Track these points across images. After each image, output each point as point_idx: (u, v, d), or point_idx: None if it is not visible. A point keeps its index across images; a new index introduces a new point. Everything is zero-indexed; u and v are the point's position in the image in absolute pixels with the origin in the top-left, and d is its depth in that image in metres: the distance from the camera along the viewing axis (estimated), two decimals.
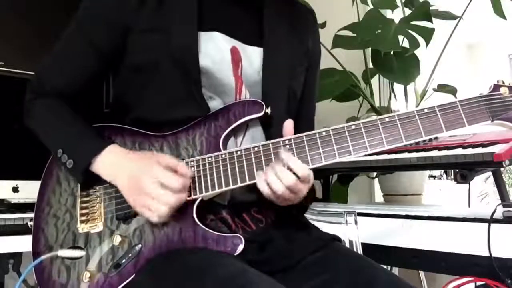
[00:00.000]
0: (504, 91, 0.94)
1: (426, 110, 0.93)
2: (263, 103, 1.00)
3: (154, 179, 0.92)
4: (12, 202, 1.72)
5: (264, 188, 0.92)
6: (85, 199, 1.02)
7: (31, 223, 1.05)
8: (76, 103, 1.08)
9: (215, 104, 1.03)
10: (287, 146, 0.95)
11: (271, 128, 1.04)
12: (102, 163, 0.99)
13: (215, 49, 1.02)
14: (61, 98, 1.07)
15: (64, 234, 1.01)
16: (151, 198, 0.92)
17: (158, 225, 0.95)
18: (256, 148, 0.96)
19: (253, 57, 1.06)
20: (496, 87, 0.94)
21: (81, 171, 0.99)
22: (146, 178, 0.93)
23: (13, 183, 1.76)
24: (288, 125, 0.98)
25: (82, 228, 1.00)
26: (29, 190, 1.72)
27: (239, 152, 0.96)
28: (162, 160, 0.95)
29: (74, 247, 0.99)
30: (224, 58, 1.02)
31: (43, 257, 0.98)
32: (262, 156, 0.95)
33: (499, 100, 0.93)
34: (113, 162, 0.99)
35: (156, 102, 1.02)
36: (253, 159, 0.95)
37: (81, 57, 1.06)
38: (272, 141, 0.96)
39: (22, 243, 1.50)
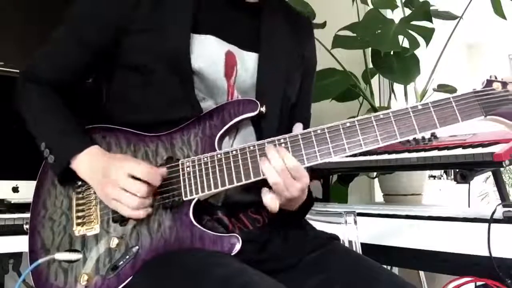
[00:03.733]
0: (496, 86, 0.94)
1: (420, 107, 0.94)
2: (257, 102, 1.00)
3: (124, 171, 0.93)
4: (12, 202, 1.72)
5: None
6: (81, 201, 1.02)
7: (27, 226, 1.04)
8: (68, 95, 1.09)
9: (208, 105, 1.02)
10: (283, 145, 0.95)
11: (263, 133, 1.03)
12: (81, 162, 0.99)
13: (209, 52, 1.02)
14: (52, 88, 1.07)
15: (60, 237, 1.00)
16: (122, 190, 0.92)
17: (155, 226, 0.95)
18: (251, 148, 0.95)
19: (248, 62, 1.06)
20: (489, 83, 0.94)
21: (61, 168, 0.99)
22: (116, 171, 0.93)
23: (13, 183, 1.75)
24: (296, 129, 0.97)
25: (78, 230, 1.00)
26: (29, 190, 1.71)
27: (234, 152, 0.96)
28: (135, 159, 0.96)
29: (71, 250, 0.98)
30: (217, 61, 1.02)
31: (40, 260, 0.98)
32: (258, 156, 0.95)
33: (492, 96, 0.93)
34: (89, 163, 0.99)
35: (150, 103, 1.02)
36: (248, 158, 0.95)
37: (71, 55, 1.06)
38: (268, 140, 0.96)
39: (22, 243, 1.49)
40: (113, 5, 1.02)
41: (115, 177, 0.93)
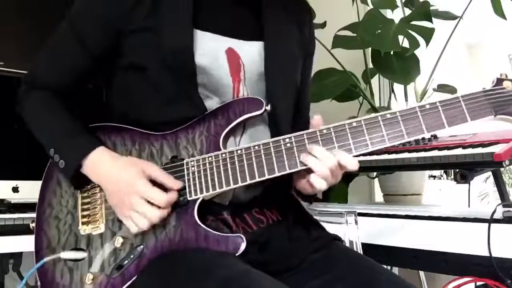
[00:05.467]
0: (507, 85, 0.92)
1: (428, 106, 0.92)
2: (262, 100, 1.00)
3: (140, 195, 0.92)
4: (12, 202, 1.72)
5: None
6: (86, 200, 1.02)
7: (33, 224, 1.05)
8: (70, 98, 1.09)
9: (212, 103, 1.02)
10: (293, 143, 0.94)
11: (278, 124, 1.04)
12: (92, 165, 0.99)
13: (211, 49, 1.02)
14: (53, 92, 1.07)
15: (66, 236, 1.00)
16: (135, 212, 0.92)
17: (160, 226, 0.95)
18: (256, 147, 0.95)
19: (252, 52, 1.06)
20: (499, 81, 0.93)
21: (72, 173, 0.99)
22: (131, 193, 0.93)
23: (13, 183, 1.75)
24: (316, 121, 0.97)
25: (84, 229, 1.00)
26: (29, 190, 1.72)
27: (239, 151, 0.95)
28: (148, 171, 0.95)
29: (76, 249, 0.99)
30: (220, 57, 1.02)
31: (45, 259, 0.98)
32: (263, 155, 0.94)
33: (502, 95, 0.92)
34: (101, 167, 0.98)
35: (153, 102, 1.01)
36: (253, 158, 0.95)
37: (71, 56, 1.06)
38: (273, 139, 0.95)
39: (22, 243, 1.50)
40: (112, 5, 1.02)
41: (129, 199, 0.93)
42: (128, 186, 0.93)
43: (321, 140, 0.94)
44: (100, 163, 0.98)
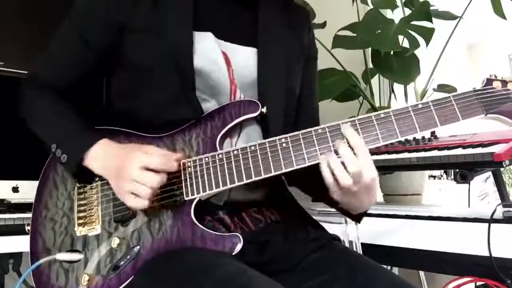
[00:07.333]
0: (496, 85, 0.94)
1: (420, 106, 0.94)
2: (258, 102, 1.00)
3: (137, 164, 0.91)
4: (12, 202, 1.72)
5: (327, 175, 0.91)
6: (82, 202, 1.02)
7: (29, 227, 1.04)
8: (69, 97, 1.08)
9: (209, 106, 1.02)
10: (284, 144, 0.94)
11: (268, 129, 1.03)
12: (94, 157, 0.98)
13: (209, 50, 1.02)
14: (54, 91, 1.07)
15: (62, 237, 1.00)
16: (135, 182, 0.91)
17: (156, 226, 0.95)
18: (252, 147, 0.95)
19: (246, 58, 1.06)
20: (489, 81, 0.95)
21: (75, 166, 0.99)
22: (130, 164, 0.92)
23: (13, 183, 1.75)
24: None
25: (80, 231, 1.00)
26: (29, 190, 1.71)
27: (235, 152, 0.96)
28: (147, 147, 0.95)
29: (72, 250, 0.98)
30: (218, 59, 1.02)
31: (41, 261, 0.98)
32: (259, 155, 0.95)
33: (492, 94, 0.93)
34: (103, 156, 0.98)
35: (151, 103, 1.01)
36: (249, 158, 0.95)
37: (74, 55, 1.06)
38: (269, 139, 0.96)
39: (22, 243, 1.49)
40: (112, 4, 1.02)
41: (129, 172, 0.91)
42: (127, 159, 0.93)
43: (316, 140, 0.94)
44: (103, 154, 0.98)
